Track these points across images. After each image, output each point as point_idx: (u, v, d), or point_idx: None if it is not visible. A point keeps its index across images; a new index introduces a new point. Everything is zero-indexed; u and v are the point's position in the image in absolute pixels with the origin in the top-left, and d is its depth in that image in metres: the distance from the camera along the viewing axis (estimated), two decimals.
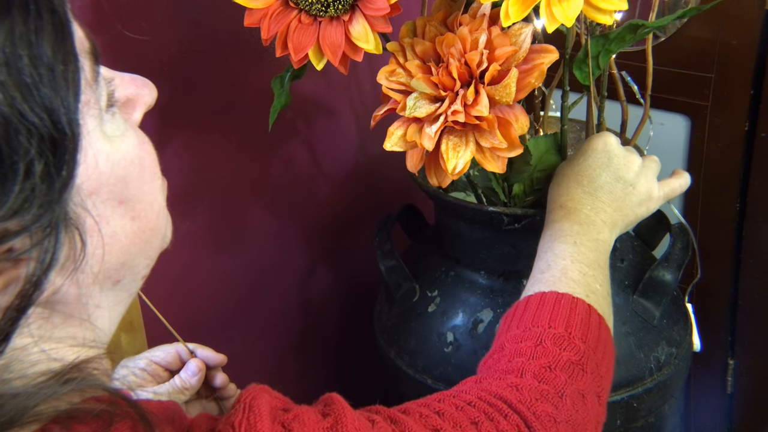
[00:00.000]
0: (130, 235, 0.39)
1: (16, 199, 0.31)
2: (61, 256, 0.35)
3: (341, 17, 0.64)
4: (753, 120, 0.96)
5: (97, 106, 0.37)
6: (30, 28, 0.32)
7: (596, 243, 0.65)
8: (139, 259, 0.41)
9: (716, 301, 1.08)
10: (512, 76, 0.60)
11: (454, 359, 0.81)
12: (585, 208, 0.67)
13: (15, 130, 0.31)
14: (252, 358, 1.05)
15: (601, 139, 0.70)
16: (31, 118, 0.31)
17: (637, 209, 0.70)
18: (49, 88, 0.32)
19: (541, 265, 0.65)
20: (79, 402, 0.35)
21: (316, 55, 0.66)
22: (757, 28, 0.91)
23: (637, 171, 0.70)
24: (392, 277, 0.88)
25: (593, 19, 0.59)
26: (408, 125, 0.65)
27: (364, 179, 1.12)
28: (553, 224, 0.67)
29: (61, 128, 0.33)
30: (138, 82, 0.43)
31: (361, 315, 1.13)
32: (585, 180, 0.69)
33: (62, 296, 0.37)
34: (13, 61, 0.31)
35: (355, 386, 1.21)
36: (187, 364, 0.66)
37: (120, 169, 0.38)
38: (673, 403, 0.85)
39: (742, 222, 1.02)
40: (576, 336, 0.57)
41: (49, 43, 0.33)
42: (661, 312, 0.81)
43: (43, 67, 0.32)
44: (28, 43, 0.32)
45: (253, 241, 1.00)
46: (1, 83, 0.30)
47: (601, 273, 0.64)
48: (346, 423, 0.43)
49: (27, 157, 0.31)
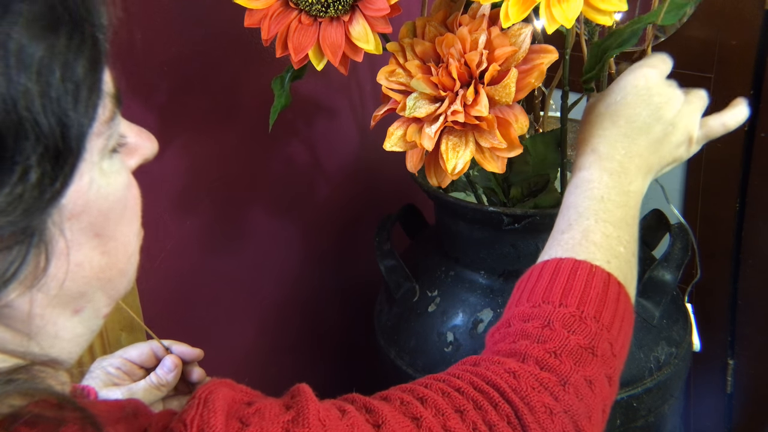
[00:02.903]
0: (95, 269, 0.39)
1: (4, 199, 0.32)
2: (25, 270, 0.35)
3: (341, 18, 0.64)
4: (753, 120, 0.96)
5: (104, 142, 0.38)
6: (71, 49, 0.33)
7: (626, 197, 0.61)
8: (99, 294, 0.41)
9: (716, 301, 1.08)
10: (512, 76, 0.60)
11: (454, 359, 0.81)
12: (619, 153, 0.62)
13: (24, 133, 0.32)
14: (252, 358, 1.05)
15: (641, 72, 0.63)
16: (44, 126, 0.32)
17: (676, 151, 0.64)
18: (70, 104, 0.34)
19: (562, 224, 0.60)
20: (22, 405, 0.35)
21: (317, 56, 0.66)
22: (756, 28, 0.91)
23: (679, 108, 0.64)
24: (392, 277, 0.88)
25: (593, 20, 0.59)
26: (408, 125, 0.65)
27: (364, 179, 1.12)
28: (582, 171, 0.62)
29: (68, 143, 0.34)
30: (144, 135, 0.45)
31: (361, 315, 1.13)
32: (622, 120, 0.62)
33: (11, 310, 0.36)
34: (45, 73, 0.32)
35: (355, 386, 1.21)
36: (163, 361, 0.66)
37: (105, 203, 0.38)
38: (673, 403, 0.85)
39: (742, 222, 1.02)
40: (589, 315, 0.54)
41: (82, 67, 0.34)
42: (660, 312, 0.81)
43: (70, 85, 0.33)
44: (64, 61, 0.33)
45: (252, 241, 1.01)
46: (27, 89, 0.32)
47: (627, 232, 0.60)
48: (308, 415, 0.42)
49: (27, 162, 0.32)
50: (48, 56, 0.33)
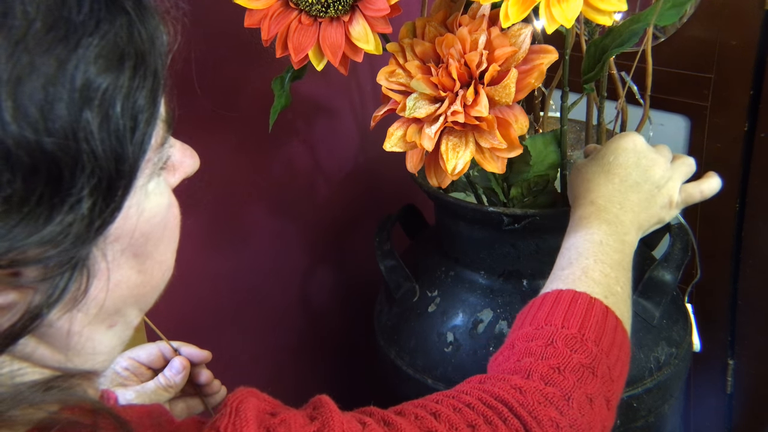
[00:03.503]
0: (131, 287, 0.40)
1: (54, 228, 0.32)
2: (69, 294, 0.35)
3: (341, 18, 0.64)
4: (752, 120, 0.96)
5: (154, 166, 0.38)
6: (134, 81, 0.34)
7: (623, 244, 0.65)
8: (132, 309, 0.41)
9: (716, 301, 1.08)
10: (512, 76, 0.60)
11: (454, 359, 0.81)
12: (614, 206, 0.66)
13: (82, 165, 0.32)
14: (252, 358, 1.05)
15: (630, 138, 0.70)
16: (100, 158, 0.32)
17: (661, 212, 0.70)
18: (128, 136, 0.34)
19: (563, 261, 0.64)
20: (58, 411, 0.35)
21: (317, 56, 0.66)
22: (756, 28, 0.91)
23: (663, 173, 0.69)
24: (392, 277, 0.88)
25: (593, 20, 0.59)
26: (408, 126, 0.65)
27: (364, 179, 1.12)
28: (581, 220, 0.66)
29: (122, 174, 0.34)
30: (188, 152, 0.47)
31: (361, 315, 1.13)
32: (616, 179, 0.68)
33: (54, 329, 0.37)
34: (107, 106, 0.33)
35: (355, 386, 1.21)
36: (171, 362, 0.66)
37: (147, 226, 0.39)
38: (673, 403, 0.85)
39: (742, 222, 1.02)
40: (589, 338, 0.56)
41: (143, 99, 0.34)
42: (660, 312, 0.81)
43: (130, 117, 0.34)
44: (126, 94, 0.33)
45: (253, 241, 1.01)
46: (87, 121, 0.32)
47: (623, 275, 0.63)
48: (333, 427, 0.42)
49: (81, 193, 0.32)
50: (112, 90, 0.33)
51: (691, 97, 0.99)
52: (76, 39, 0.32)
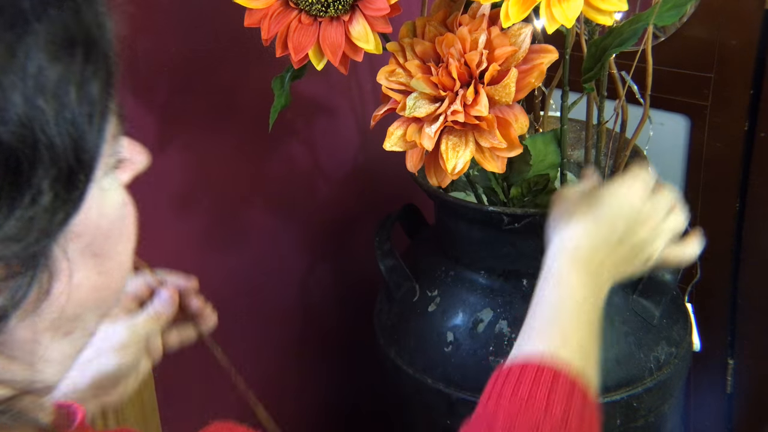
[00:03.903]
0: (92, 289, 0.38)
1: (16, 223, 0.31)
2: (30, 295, 0.34)
3: (341, 17, 0.64)
4: (752, 120, 0.96)
5: (109, 161, 0.38)
6: (86, 69, 0.33)
7: (600, 300, 0.64)
8: (90, 315, 0.40)
9: (716, 301, 1.08)
10: (512, 76, 0.60)
11: (454, 359, 0.81)
12: (598, 256, 0.64)
13: (40, 156, 0.31)
14: (252, 358, 1.05)
15: (631, 190, 0.66)
16: (59, 148, 0.32)
17: (636, 268, 0.68)
18: (85, 125, 0.33)
19: (539, 320, 0.62)
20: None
21: (316, 55, 0.66)
22: (756, 28, 0.91)
23: (652, 232, 0.67)
24: (392, 276, 0.88)
25: (593, 20, 0.59)
26: (408, 125, 0.65)
27: (364, 179, 1.12)
28: (562, 268, 0.64)
29: (82, 165, 0.33)
30: (136, 149, 0.45)
31: (361, 315, 1.13)
32: (605, 228, 0.65)
33: (8, 337, 0.35)
34: (61, 94, 0.32)
35: (355, 386, 1.21)
36: (158, 293, 0.65)
37: (106, 222, 0.38)
38: (673, 403, 0.85)
39: (742, 222, 1.02)
40: (572, 426, 0.56)
41: (97, 87, 0.34)
42: (660, 312, 0.81)
43: (85, 106, 0.33)
44: (79, 82, 0.33)
45: (252, 241, 1.01)
46: (44, 111, 0.31)
47: (596, 332, 0.63)
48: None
49: (41, 185, 0.32)
50: (65, 77, 0.32)
51: (691, 96, 0.99)
52: (24, 25, 0.31)
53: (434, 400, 0.82)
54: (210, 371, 0.70)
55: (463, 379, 0.80)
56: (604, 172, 0.87)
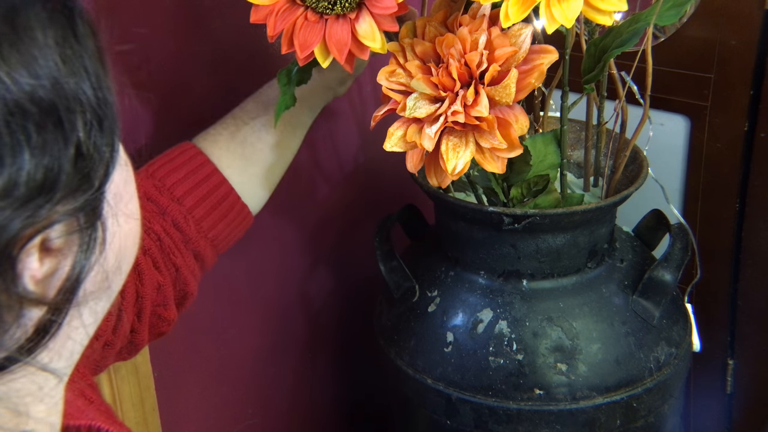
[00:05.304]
0: (125, 236, 0.40)
1: (76, 174, 0.34)
2: (97, 248, 0.36)
3: (348, 15, 0.64)
4: (752, 120, 0.96)
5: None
6: (83, 36, 0.36)
7: None
8: (125, 264, 0.41)
9: (716, 301, 1.08)
10: (512, 76, 0.60)
11: (454, 359, 0.81)
12: None
13: (73, 107, 0.34)
14: (252, 359, 1.05)
15: None
16: (85, 97, 0.34)
17: None
18: (102, 81, 0.36)
19: None
20: None
21: (322, 53, 0.66)
22: (757, 28, 0.91)
23: None
24: (392, 277, 0.88)
25: (593, 20, 0.59)
26: (408, 126, 0.65)
27: (364, 179, 1.12)
28: None
29: (106, 111, 0.36)
30: None
31: (361, 315, 1.13)
32: None
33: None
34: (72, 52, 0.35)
35: (355, 386, 1.21)
36: None
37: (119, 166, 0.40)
38: (673, 403, 0.85)
39: (742, 222, 1.02)
40: None
41: (92, 43, 0.37)
42: (660, 312, 0.81)
43: (95, 56, 0.36)
44: (90, 51, 0.36)
45: (252, 241, 1.00)
46: (64, 66, 0.34)
47: None
48: None
49: (81, 135, 0.34)
50: (69, 43, 0.35)
51: (691, 97, 0.99)
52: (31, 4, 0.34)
53: (434, 400, 0.82)
54: (210, 371, 0.70)
55: (463, 379, 0.80)
56: (604, 172, 0.87)
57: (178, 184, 0.73)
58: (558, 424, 0.78)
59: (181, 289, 0.72)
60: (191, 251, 0.73)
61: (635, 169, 0.84)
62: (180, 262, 0.71)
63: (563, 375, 0.77)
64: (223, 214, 0.75)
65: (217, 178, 0.75)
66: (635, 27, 0.67)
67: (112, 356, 0.66)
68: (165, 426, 0.92)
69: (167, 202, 0.72)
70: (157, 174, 0.73)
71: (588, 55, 0.70)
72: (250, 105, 0.79)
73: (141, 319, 0.68)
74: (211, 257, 0.76)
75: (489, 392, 0.78)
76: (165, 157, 0.75)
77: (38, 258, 0.33)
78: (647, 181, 0.81)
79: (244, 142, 0.77)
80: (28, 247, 0.32)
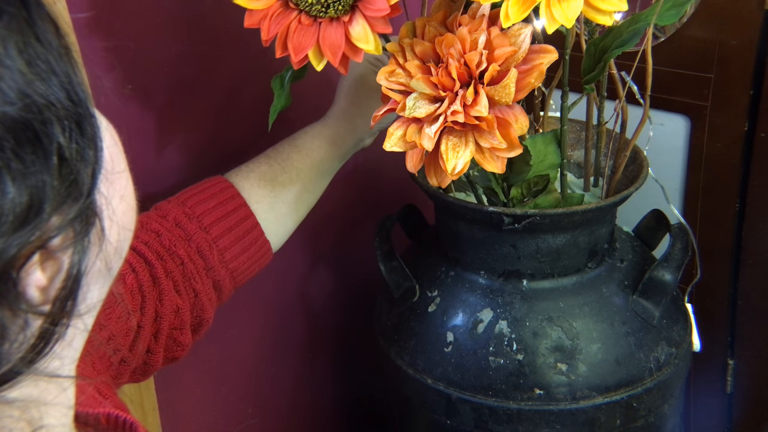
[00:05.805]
0: (122, 214, 0.40)
1: (66, 185, 0.33)
2: (95, 245, 0.36)
3: (341, 18, 0.64)
4: (753, 120, 0.96)
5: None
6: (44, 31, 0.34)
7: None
8: (125, 243, 0.41)
9: (716, 301, 1.08)
10: (511, 76, 0.60)
11: (454, 359, 0.81)
12: None
13: (47, 116, 0.33)
14: (252, 359, 1.05)
15: None
16: (56, 101, 0.33)
17: None
18: (68, 68, 0.35)
19: None
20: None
21: (316, 56, 0.66)
22: (756, 28, 0.91)
23: None
24: (392, 277, 0.88)
25: (593, 20, 0.59)
26: (408, 125, 0.65)
27: (364, 179, 1.12)
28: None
29: (81, 106, 0.35)
30: None
31: (361, 315, 1.13)
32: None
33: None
34: (32, 54, 0.33)
35: (355, 386, 1.21)
36: None
37: (106, 147, 0.39)
38: (673, 403, 0.85)
39: (742, 222, 1.02)
40: None
41: (50, 32, 0.35)
42: (660, 312, 0.81)
43: (58, 54, 0.34)
44: (49, 47, 0.34)
45: None
46: (31, 76, 0.32)
47: None
48: None
49: (62, 141, 0.33)
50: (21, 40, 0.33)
51: (691, 97, 0.99)
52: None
53: (434, 400, 0.82)
54: (210, 371, 0.70)
55: (463, 379, 0.80)
56: (604, 172, 0.87)
57: (207, 214, 0.74)
58: (558, 424, 0.78)
59: (198, 315, 0.73)
60: (211, 279, 0.74)
61: (635, 169, 0.84)
62: (200, 288, 0.72)
63: (563, 375, 0.77)
64: (246, 247, 0.77)
65: (244, 211, 0.77)
66: (635, 27, 0.67)
67: (126, 374, 0.66)
68: (165, 426, 0.92)
69: (194, 229, 0.73)
70: (188, 202, 0.75)
71: (588, 55, 0.70)
72: (285, 147, 0.83)
73: (158, 340, 0.69)
74: (229, 289, 0.77)
75: (489, 392, 0.78)
76: (197, 187, 0.77)
77: (40, 267, 0.33)
78: (647, 181, 0.81)
79: (274, 181, 0.80)
80: (28, 265, 0.32)
